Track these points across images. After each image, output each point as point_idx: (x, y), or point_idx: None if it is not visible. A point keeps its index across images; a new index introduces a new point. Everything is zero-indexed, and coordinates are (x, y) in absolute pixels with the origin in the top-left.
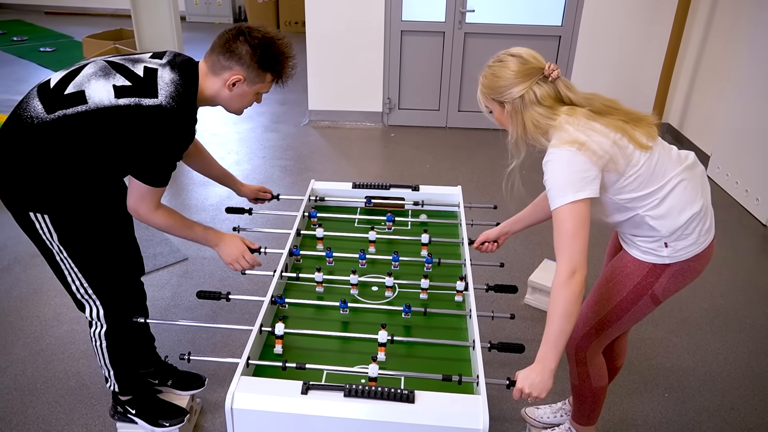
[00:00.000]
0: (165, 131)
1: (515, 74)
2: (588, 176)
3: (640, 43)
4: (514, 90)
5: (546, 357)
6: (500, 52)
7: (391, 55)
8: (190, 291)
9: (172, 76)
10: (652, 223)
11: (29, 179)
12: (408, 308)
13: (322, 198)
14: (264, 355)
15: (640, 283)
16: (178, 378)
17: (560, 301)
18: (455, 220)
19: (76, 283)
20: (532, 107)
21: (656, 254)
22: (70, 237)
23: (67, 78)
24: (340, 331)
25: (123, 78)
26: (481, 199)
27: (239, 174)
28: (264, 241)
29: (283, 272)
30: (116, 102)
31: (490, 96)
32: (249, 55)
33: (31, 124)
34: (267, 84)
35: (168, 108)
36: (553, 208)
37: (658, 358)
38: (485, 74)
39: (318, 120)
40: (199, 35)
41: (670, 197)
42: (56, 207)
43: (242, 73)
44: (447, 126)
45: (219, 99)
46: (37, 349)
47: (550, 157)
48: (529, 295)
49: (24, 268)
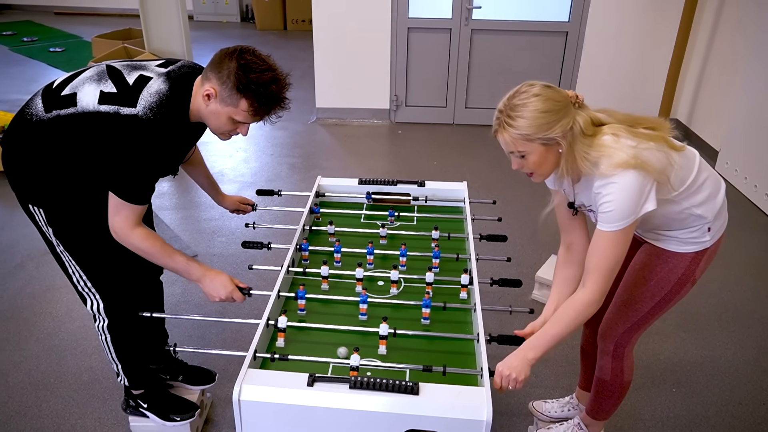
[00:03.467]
0: (138, 142)
1: (560, 104)
2: (651, 189)
3: (648, 38)
4: (564, 121)
5: (530, 349)
6: (518, 89)
7: (397, 52)
8: (199, 288)
9: (161, 87)
10: (699, 211)
11: (27, 173)
12: (428, 300)
13: (323, 194)
14: (271, 348)
15: (684, 274)
16: (189, 373)
17: (578, 315)
18: (461, 215)
19: (76, 275)
20: (579, 139)
21: (699, 241)
22: (64, 232)
23: (68, 80)
24: (345, 325)
25: (112, 84)
26: (488, 195)
27: (247, 171)
28: (271, 237)
29: (290, 267)
30: (98, 108)
31: (534, 135)
32: (229, 72)
33: (31, 121)
34: (241, 111)
35: (144, 119)
36: (613, 230)
37: (666, 353)
38: (517, 114)
39: (325, 117)
40: (206, 34)
41: (707, 183)
42: (50, 202)
43: (216, 87)
44: (454, 123)
45: (201, 114)
46: (50, 344)
47: (612, 180)
48: (536, 291)
49: (37, 265)
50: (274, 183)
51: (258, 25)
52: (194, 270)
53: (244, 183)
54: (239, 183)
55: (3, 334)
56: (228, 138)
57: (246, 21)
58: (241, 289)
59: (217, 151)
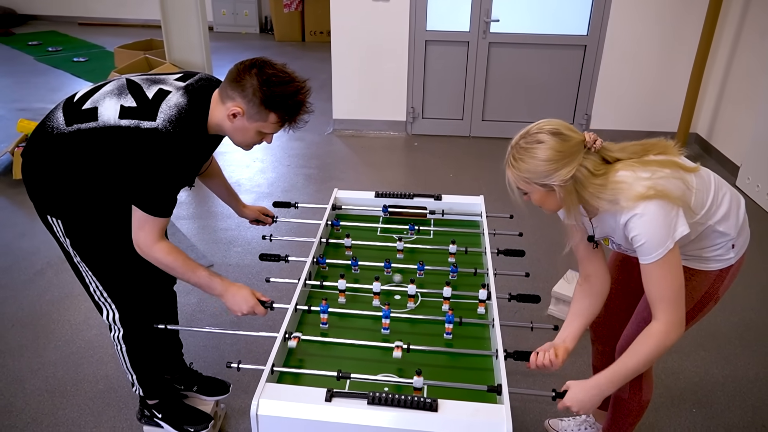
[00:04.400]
0: (159, 155)
1: (561, 154)
2: (675, 214)
3: (668, 52)
4: (563, 171)
5: (607, 385)
6: (530, 129)
7: (415, 64)
8: (215, 298)
9: (179, 100)
10: (722, 228)
11: (47, 185)
12: (451, 316)
13: (340, 206)
14: (288, 362)
15: (708, 292)
16: (203, 384)
17: (657, 347)
18: (477, 229)
19: (92, 285)
20: (588, 182)
21: (723, 259)
22: (82, 243)
23: (89, 93)
24: (363, 339)
25: (132, 99)
26: (504, 209)
27: (264, 182)
28: (288, 249)
29: (307, 280)
30: (119, 122)
31: (533, 180)
32: (253, 89)
33: (52, 134)
34: (270, 124)
35: (164, 132)
36: (652, 261)
37: (686, 372)
38: (521, 157)
39: (342, 129)
40: (226, 44)
41: (725, 199)
42: (68, 214)
43: (243, 106)
44: (470, 135)
45: (223, 129)
46: (68, 352)
47: (635, 212)
48: (552, 306)
49: (56, 273)
50: (290, 194)
51: (277, 37)
52: (216, 285)
53: (260, 193)
54: (256, 193)
55: (22, 341)
56: (251, 148)
57: (265, 32)
58: (263, 303)
59: (234, 161)
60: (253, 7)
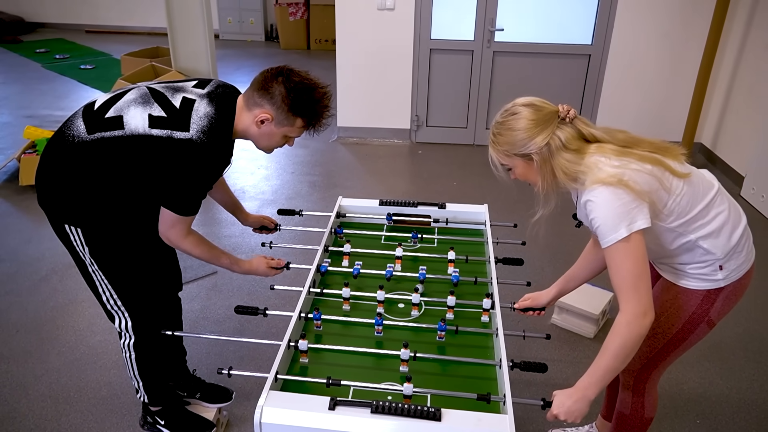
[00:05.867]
0: (194, 164)
1: (534, 122)
2: (636, 206)
3: (673, 61)
4: (538, 139)
5: (588, 388)
6: (506, 106)
7: (419, 73)
8: (219, 304)
9: (207, 109)
10: (706, 245)
11: (66, 193)
12: (444, 324)
13: (344, 214)
14: (291, 370)
15: (695, 312)
16: (206, 391)
17: (622, 340)
18: (481, 238)
19: (106, 294)
20: (559, 154)
21: (710, 279)
22: (101, 252)
23: (110, 102)
24: (367, 347)
25: (159, 108)
26: (508, 218)
27: (269, 189)
28: (291, 257)
29: (311, 288)
30: (150, 132)
31: (512, 152)
32: (282, 96)
33: (72, 142)
34: (296, 129)
35: (198, 142)
36: (607, 246)
37: (690, 383)
38: (498, 131)
39: (346, 136)
40: (231, 52)
41: (719, 217)
42: (89, 222)
43: (271, 112)
44: (475, 143)
45: (248, 134)
46: (72, 358)
47: (590, 197)
48: (556, 315)
49: (60, 279)
50: (295, 201)
51: (282, 45)
52: (236, 269)
53: (264, 200)
54: (260, 200)
55: (26, 347)
56: (272, 151)
57: (270, 40)
58: None
59: (239, 168)
60: (258, 15)
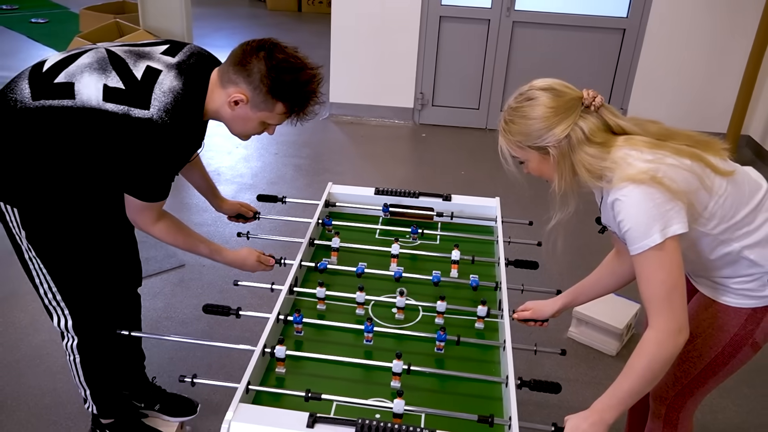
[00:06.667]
0: (154, 148)
1: (554, 110)
2: (672, 208)
3: (720, 41)
4: (557, 130)
5: (606, 411)
6: (521, 89)
7: (427, 44)
8: (186, 303)
9: (174, 83)
10: (752, 256)
11: (2, 166)
12: (443, 334)
13: (334, 203)
14: (266, 380)
15: (738, 334)
16: (167, 402)
17: (650, 360)
18: (491, 236)
19: (44, 286)
20: (581, 148)
21: (756, 295)
22: (40, 237)
23: (62, 64)
24: (353, 357)
25: (117, 78)
26: (523, 215)
27: (248, 172)
28: (271, 250)
29: (294, 286)
30: (103, 105)
31: (526, 143)
32: (261, 75)
33: (14, 107)
34: (276, 115)
35: (159, 123)
36: (637, 253)
37: (727, 411)
38: (511, 118)
39: (340, 114)
40: (209, 12)
41: (766, 224)
42: (28, 202)
43: (247, 92)
44: (487, 127)
45: (220, 116)
46: (10, 359)
47: (618, 196)
48: (573, 328)
49: (2, 266)
50: (277, 186)
51: (269, 5)
52: (218, 258)
53: (242, 185)
54: (237, 184)
55: None
56: (248, 139)
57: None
58: None
59: (214, 146)
60: None
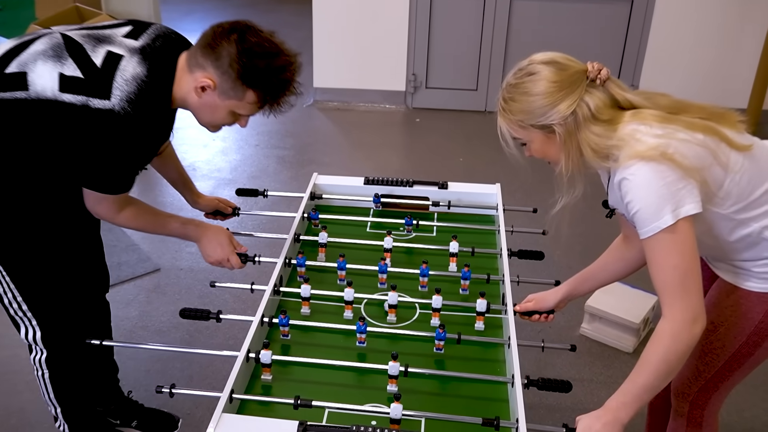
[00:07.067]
0: (116, 141)
1: (557, 85)
2: (684, 186)
3: (738, 9)
4: (562, 106)
5: (621, 409)
6: (521, 64)
7: (418, 20)
8: (162, 310)
9: (137, 70)
10: None
11: None
12: (443, 332)
13: (320, 195)
14: (252, 388)
15: (764, 321)
16: (145, 418)
17: (665, 352)
18: (492, 225)
19: (8, 295)
20: (587, 126)
21: None
22: (0, 240)
23: (14, 52)
24: (346, 360)
25: (75, 65)
26: (527, 202)
27: (226, 166)
28: (253, 248)
29: (279, 286)
30: (59, 96)
31: (528, 122)
32: (230, 59)
33: None
34: (247, 104)
35: (121, 114)
36: (647, 236)
37: (755, 409)
38: (511, 96)
39: (325, 100)
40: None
41: None
42: None
43: (214, 78)
44: (486, 110)
45: (188, 103)
46: None
47: (625, 174)
48: (585, 324)
49: None
50: (259, 180)
51: None
52: (191, 231)
53: (221, 180)
54: (215, 180)
55: None
56: (218, 130)
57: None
58: (240, 255)
59: (189, 139)
60: None
